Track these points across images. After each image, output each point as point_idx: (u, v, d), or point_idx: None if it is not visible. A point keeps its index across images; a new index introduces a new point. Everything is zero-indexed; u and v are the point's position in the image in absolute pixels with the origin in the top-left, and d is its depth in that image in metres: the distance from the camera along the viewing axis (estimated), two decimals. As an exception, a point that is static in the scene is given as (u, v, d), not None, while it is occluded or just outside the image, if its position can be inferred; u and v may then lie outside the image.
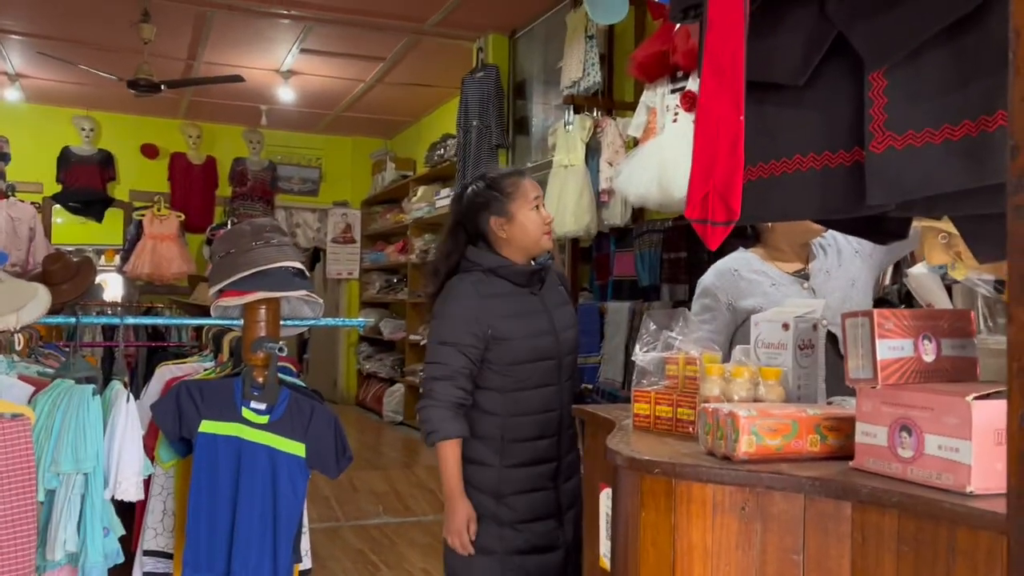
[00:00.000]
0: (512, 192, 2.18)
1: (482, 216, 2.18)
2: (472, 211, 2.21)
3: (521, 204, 2.17)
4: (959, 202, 0.86)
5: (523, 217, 2.16)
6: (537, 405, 2.13)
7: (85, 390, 2.09)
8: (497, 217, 2.17)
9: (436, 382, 2.07)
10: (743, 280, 2.08)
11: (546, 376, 2.16)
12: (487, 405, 2.12)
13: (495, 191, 2.18)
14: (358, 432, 7.24)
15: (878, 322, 1.12)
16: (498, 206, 2.17)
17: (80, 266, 4.59)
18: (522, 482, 2.12)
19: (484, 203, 2.18)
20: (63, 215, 8.06)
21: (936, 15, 0.79)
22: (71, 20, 5.67)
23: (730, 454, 1.21)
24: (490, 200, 2.18)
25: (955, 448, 1.03)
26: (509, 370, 2.11)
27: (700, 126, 0.89)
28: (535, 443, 2.13)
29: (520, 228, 2.16)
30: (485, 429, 2.11)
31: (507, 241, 2.17)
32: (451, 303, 2.13)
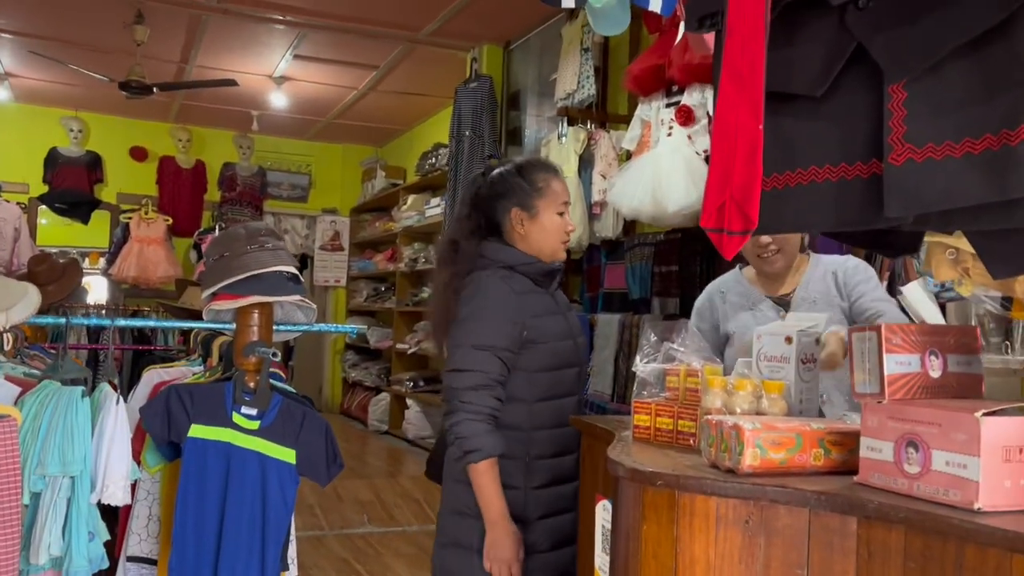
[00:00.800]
0: (543, 188, 1.98)
1: (503, 204, 1.98)
2: (494, 196, 1.99)
3: (549, 203, 1.98)
4: (975, 216, 0.85)
5: (547, 218, 1.97)
6: (562, 418, 1.93)
7: (73, 391, 2.06)
8: (520, 210, 1.97)
9: (471, 392, 1.82)
10: (725, 303, 2.08)
11: (570, 385, 1.99)
12: (511, 418, 1.88)
13: (524, 181, 1.98)
14: (343, 441, 7.14)
15: (886, 336, 1.12)
16: (524, 198, 1.97)
17: (66, 268, 4.55)
18: (548, 504, 1.92)
19: (509, 191, 1.98)
20: (48, 216, 7.99)
21: (959, 28, 0.79)
22: (64, 20, 5.63)
23: (734, 467, 1.20)
24: (516, 189, 1.98)
25: (963, 464, 1.02)
26: (537, 378, 1.91)
27: (718, 134, 0.89)
28: (560, 460, 1.93)
29: (541, 229, 1.97)
30: (509, 447, 1.87)
31: (523, 238, 1.97)
32: (485, 300, 1.88)
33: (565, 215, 2.00)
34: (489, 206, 1.99)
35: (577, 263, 4.76)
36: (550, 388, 1.92)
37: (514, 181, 1.98)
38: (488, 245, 1.96)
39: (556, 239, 1.99)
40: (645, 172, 3.57)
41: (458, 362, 1.86)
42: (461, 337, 1.87)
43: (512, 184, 1.98)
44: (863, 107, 0.89)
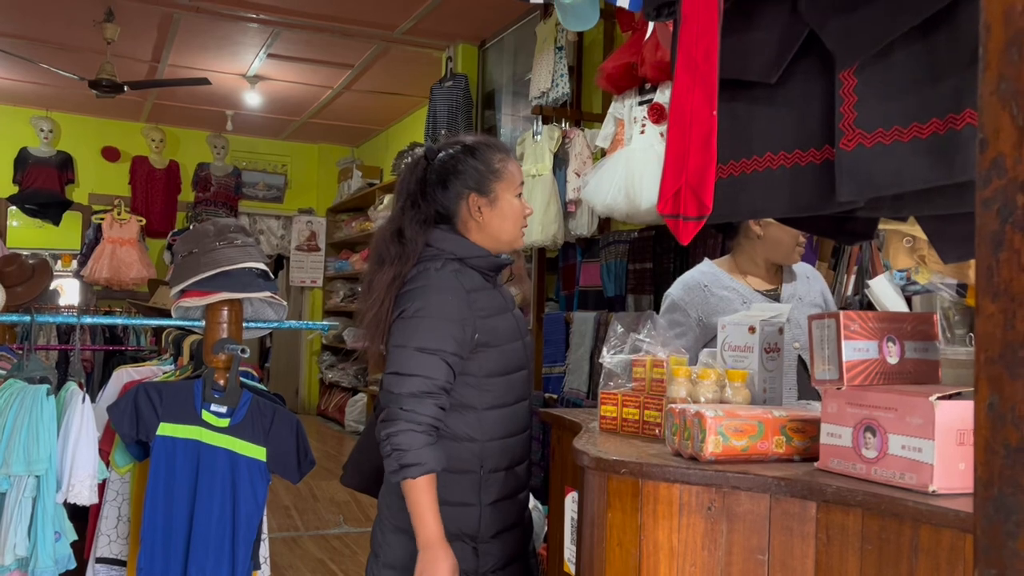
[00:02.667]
0: (500, 170, 1.78)
1: (454, 189, 1.76)
2: (443, 180, 1.77)
3: (507, 186, 1.78)
4: (926, 201, 0.87)
5: (506, 202, 1.77)
6: (514, 425, 1.76)
7: (39, 390, 2.04)
8: (478, 195, 1.75)
9: (412, 399, 1.62)
10: (713, 296, 2.03)
11: (521, 390, 1.80)
12: (462, 429, 1.70)
13: (479, 163, 1.77)
14: (319, 442, 7.15)
15: (844, 323, 1.13)
16: (481, 182, 1.76)
17: (36, 268, 4.48)
18: (503, 519, 1.74)
19: (463, 174, 1.76)
20: (19, 218, 7.89)
21: (907, 13, 0.80)
22: (33, 17, 5.56)
23: (697, 454, 1.21)
24: (471, 172, 1.76)
25: (918, 448, 1.04)
26: (488, 383, 1.72)
27: (673, 122, 0.90)
28: (514, 471, 1.76)
29: (500, 215, 1.76)
30: (462, 460, 1.69)
31: (479, 227, 1.76)
32: (432, 297, 1.68)
33: (522, 197, 1.83)
34: (438, 192, 1.78)
35: (552, 261, 4.77)
36: (502, 394, 1.74)
37: (468, 163, 1.78)
38: (436, 233, 1.76)
39: (517, 225, 1.80)
40: (619, 170, 3.58)
41: (400, 365, 1.65)
42: (405, 337, 1.67)
43: (466, 166, 1.77)
44: (816, 94, 0.90)
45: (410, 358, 1.64)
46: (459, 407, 1.70)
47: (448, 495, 1.67)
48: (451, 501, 1.67)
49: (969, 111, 0.77)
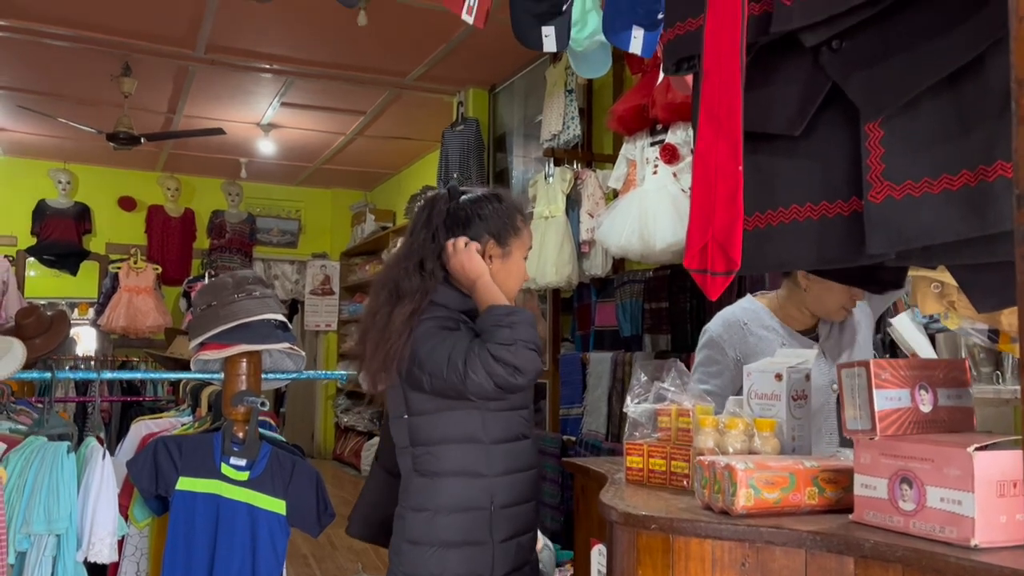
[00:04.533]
0: (520, 228, 1.83)
1: (477, 231, 1.78)
2: (467, 220, 1.79)
3: (521, 246, 1.83)
4: (957, 251, 0.85)
5: (516, 262, 1.82)
6: (521, 461, 1.77)
7: (59, 447, 2.03)
8: (496, 244, 1.79)
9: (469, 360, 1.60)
10: (752, 336, 1.95)
11: (524, 428, 1.81)
12: (471, 464, 1.71)
13: (504, 215, 1.81)
14: (336, 487, 7.09)
15: (874, 372, 1.11)
16: (501, 232, 1.79)
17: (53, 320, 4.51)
18: (514, 559, 1.73)
19: (487, 219, 1.79)
20: (37, 268, 7.96)
21: (932, 67, 0.80)
22: (52, 74, 5.67)
23: (728, 508, 1.19)
24: (495, 218, 1.80)
25: (958, 500, 1.01)
26: (494, 417, 1.73)
27: (698, 176, 0.89)
28: (522, 508, 1.77)
29: (507, 271, 1.80)
30: (472, 497, 1.70)
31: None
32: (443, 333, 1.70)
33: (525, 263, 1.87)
34: (458, 231, 1.79)
35: (567, 301, 4.75)
36: (506, 429, 1.75)
37: (495, 210, 1.81)
38: (442, 288, 1.77)
39: (518, 285, 1.84)
40: (632, 210, 3.58)
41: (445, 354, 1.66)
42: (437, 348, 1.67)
43: (492, 213, 1.81)
44: (841, 145, 0.90)
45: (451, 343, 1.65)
46: (467, 441, 1.71)
47: (460, 535, 1.68)
48: (463, 541, 1.68)
49: (1000, 163, 0.76)
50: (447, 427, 1.73)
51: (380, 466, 2.03)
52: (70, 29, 4.91)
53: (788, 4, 0.88)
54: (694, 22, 0.98)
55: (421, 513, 1.71)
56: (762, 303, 2.03)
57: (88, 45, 5.09)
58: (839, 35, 0.87)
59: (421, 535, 1.70)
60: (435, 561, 1.67)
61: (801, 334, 1.99)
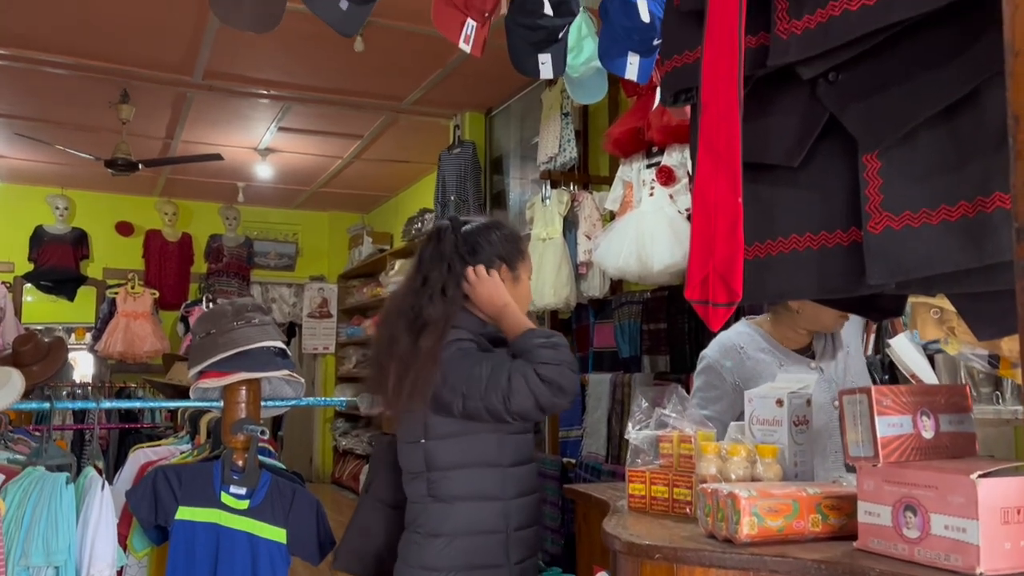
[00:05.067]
0: (525, 252, 1.93)
1: (487, 257, 1.85)
2: (475, 249, 1.86)
3: (526, 269, 1.93)
4: (956, 280, 0.86)
5: (524, 285, 1.91)
6: (531, 484, 1.82)
7: (58, 478, 2.02)
8: (508, 269, 1.87)
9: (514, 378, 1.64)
10: (749, 359, 1.96)
11: (531, 451, 1.86)
12: (488, 488, 1.74)
13: (509, 241, 1.90)
14: (335, 512, 7.04)
15: (876, 399, 1.11)
16: (510, 257, 1.88)
17: (51, 347, 4.50)
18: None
19: (495, 245, 1.87)
20: (34, 293, 7.95)
21: (929, 99, 0.81)
22: (50, 101, 5.69)
23: (732, 536, 1.19)
24: (502, 245, 1.88)
25: (962, 528, 1.01)
26: (509, 440, 1.77)
27: (698, 208, 0.90)
28: (533, 530, 1.82)
29: (517, 295, 1.87)
30: (489, 521, 1.73)
31: None
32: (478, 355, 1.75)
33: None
34: (468, 259, 1.85)
35: (566, 323, 4.75)
36: (517, 451, 1.78)
37: (500, 237, 1.89)
38: (462, 314, 1.83)
39: (527, 308, 1.92)
40: (629, 232, 3.59)
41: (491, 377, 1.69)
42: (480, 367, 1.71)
43: (498, 240, 1.88)
44: (840, 176, 0.90)
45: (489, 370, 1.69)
46: (484, 464, 1.75)
47: (479, 558, 1.71)
48: (482, 564, 1.71)
49: (998, 194, 0.77)
50: (465, 451, 1.76)
51: (373, 497, 2.03)
52: (68, 57, 4.94)
53: (785, 37, 0.89)
54: (691, 55, 0.99)
55: (438, 539, 1.73)
56: (756, 326, 2.04)
57: (86, 73, 5.12)
58: (836, 67, 0.88)
59: (437, 561, 1.72)
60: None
61: (797, 352, 2.01)
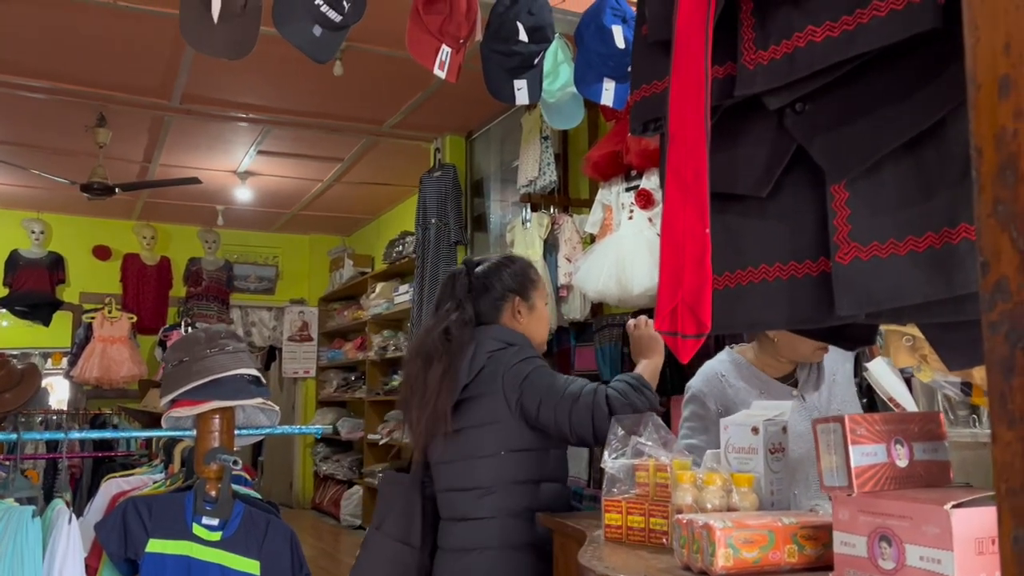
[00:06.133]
0: (536, 280, 2.11)
1: (500, 293, 2.05)
2: (489, 286, 2.04)
3: (541, 295, 2.10)
4: (926, 311, 0.86)
5: (542, 310, 2.09)
6: (564, 501, 1.97)
7: (24, 512, 1.98)
8: (521, 300, 2.06)
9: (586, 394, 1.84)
10: (731, 387, 1.97)
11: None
12: (520, 503, 1.88)
13: (520, 274, 2.08)
14: (315, 538, 6.96)
15: (850, 427, 1.10)
16: (523, 289, 2.06)
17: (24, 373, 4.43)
18: None
19: (507, 280, 2.06)
20: (8, 318, 7.85)
21: (895, 130, 0.81)
22: (26, 125, 5.65)
23: (707, 568, 1.17)
24: (515, 279, 2.06)
25: (937, 559, 1.00)
26: (544, 456, 1.93)
27: (666, 239, 0.89)
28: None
29: (537, 319, 2.07)
30: (527, 533, 1.86)
31: (522, 329, 2.04)
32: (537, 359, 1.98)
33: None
34: (483, 297, 2.04)
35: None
36: (556, 467, 1.94)
37: (512, 272, 2.07)
38: (497, 329, 2.00)
39: (547, 328, 2.11)
40: (609, 255, 3.60)
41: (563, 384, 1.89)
42: (547, 378, 1.91)
43: (511, 275, 2.06)
44: (808, 206, 0.90)
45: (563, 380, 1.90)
46: (521, 483, 1.87)
47: (517, 571, 1.83)
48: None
49: (964, 225, 0.77)
50: (545, 465, 1.91)
51: (384, 533, 2.02)
52: (44, 81, 4.90)
53: (751, 68, 0.89)
54: (660, 84, 0.99)
55: (518, 551, 1.84)
56: (739, 354, 2.04)
57: (62, 97, 5.08)
58: (803, 98, 0.88)
59: (522, 572, 1.83)
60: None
61: (780, 380, 1.99)
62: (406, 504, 1.99)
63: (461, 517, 1.90)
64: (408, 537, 1.96)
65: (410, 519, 1.97)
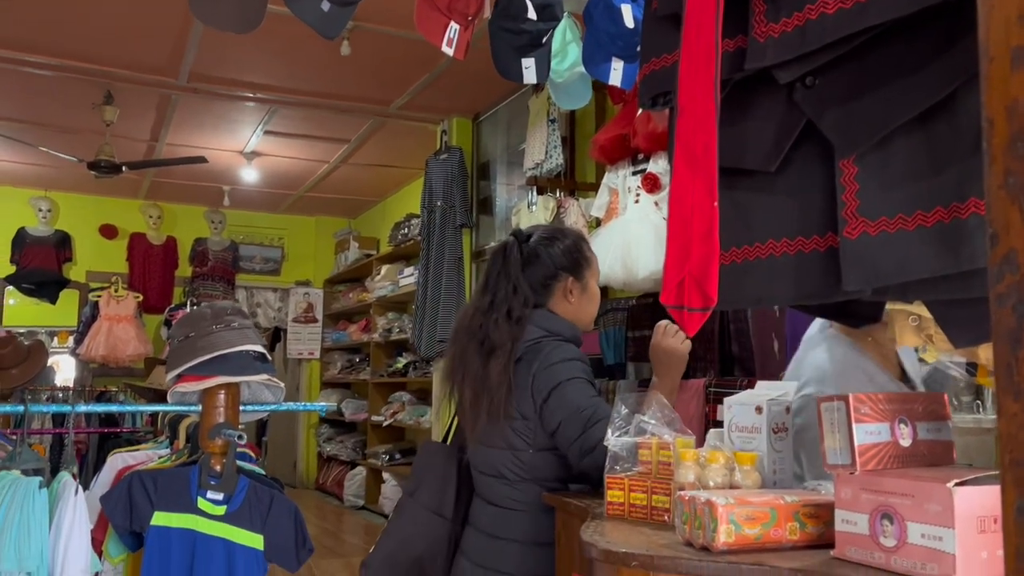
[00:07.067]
0: (590, 258, 1.97)
1: (552, 270, 1.91)
2: (541, 262, 1.90)
3: (594, 274, 1.97)
4: (933, 287, 0.85)
5: (593, 289, 1.96)
6: None
7: (31, 483, 1.99)
8: (574, 280, 1.92)
9: None
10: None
11: None
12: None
13: (574, 250, 1.94)
14: (318, 518, 7.01)
15: (854, 406, 1.10)
16: (576, 267, 1.93)
17: (31, 350, 4.46)
18: None
19: (560, 257, 1.92)
20: (16, 296, 7.88)
21: (904, 104, 0.80)
22: (32, 102, 5.65)
23: (709, 544, 1.17)
24: (568, 256, 1.92)
25: (939, 536, 1.00)
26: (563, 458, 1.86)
27: (674, 213, 0.89)
28: None
29: (589, 299, 1.94)
30: (549, 531, 1.79)
31: (569, 307, 1.91)
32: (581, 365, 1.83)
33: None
34: (531, 275, 1.90)
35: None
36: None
37: (565, 248, 1.93)
38: (541, 313, 1.88)
39: (596, 307, 1.99)
40: (614, 239, 3.59)
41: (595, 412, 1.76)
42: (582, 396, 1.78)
43: (563, 251, 1.93)
44: (817, 181, 0.90)
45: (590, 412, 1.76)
46: (549, 481, 1.82)
47: (542, 568, 1.78)
48: (545, 574, 1.77)
49: (974, 200, 0.76)
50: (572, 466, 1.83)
51: (417, 502, 2.02)
52: (52, 58, 4.90)
53: (762, 41, 0.88)
54: (669, 58, 0.98)
55: (549, 548, 1.78)
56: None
57: (69, 74, 5.08)
58: (813, 72, 0.87)
59: (548, 569, 1.77)
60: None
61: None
62: (441, 475, 1.97)
63: (491, 502, 1.88)
64: (441, 508, 1.95)
65: (444, 491, 1.95)
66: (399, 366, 7.09)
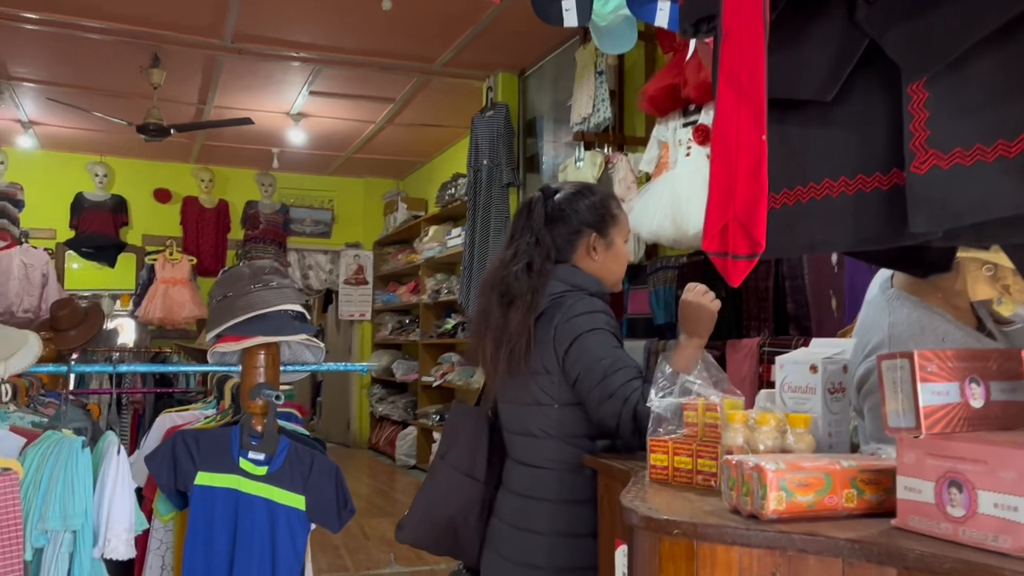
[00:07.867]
0: (617, 215, 1.93)
1: (577, 226, 1.88)
2: (565, 217, 1.88)
3: (620, 231, 1.92)
4: (1013, 228, 0.75)
5: (620, 247, 1.92)
6: None
7: (75, 442, 2.00)
8: (597, 236, 1.89)
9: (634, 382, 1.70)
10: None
11: None
12: (579, 459, 1.80)
13: (600, 206, 1.91)
14: (370, 477, 7.10)
15: (919, 364, 1.01)
16: (601, 223, 1.89)
17: (88, 312, 4.54)
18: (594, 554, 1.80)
19: (585, 212, 1.89)
20: (78, 260, 8.08)
21: (982, 18, 0.70)
22: (81, 66, 5.70)
23: (757, 512, 1.10)
24: (593, 212, 1.89)
25: (1014, 507, 0.91)
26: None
27: (717, 148, 0.80)
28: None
29: (614, 257, 1.90)
30: (584, 489, 1.77)
31: (593, 264, 1.88)
32: (604, 317, 1.79)
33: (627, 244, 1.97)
34: (559, 227, 1.88)
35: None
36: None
37: (590, 204, 1.90)
38: (566, 268, 1.85)
39: (623, 268, 1.95)
40: (664, 194, 3.48)
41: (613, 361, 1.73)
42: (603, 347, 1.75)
43: (589, 207, 1.89)
44: (880, 111, 0.79)
45: (617, 353, 1.74)
46: (577, 438, 1.78)
47: (575, 527, 1.75)
48: (578, 532, 1.75)
49: (1066, 125, 0.66)
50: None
51: (449, 464, 2.00)
52: (98, 21, 4.92)
53: (818, -47, 0.78)
54: (713, -22, 0.88)
55: (581, 506, 1.76)
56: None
57: (116, 36, 5.10)
58: (876, -13, 0.77)
59: (582, 527, 1.74)
60: (593, 552, 1.72)
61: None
62: (472, 437, 1.96)
63: (522, 461, 1.86)
64: (472, 470, 1.94)
65: (475, 453, 1.94)
66: (448, 327, 7.09)
